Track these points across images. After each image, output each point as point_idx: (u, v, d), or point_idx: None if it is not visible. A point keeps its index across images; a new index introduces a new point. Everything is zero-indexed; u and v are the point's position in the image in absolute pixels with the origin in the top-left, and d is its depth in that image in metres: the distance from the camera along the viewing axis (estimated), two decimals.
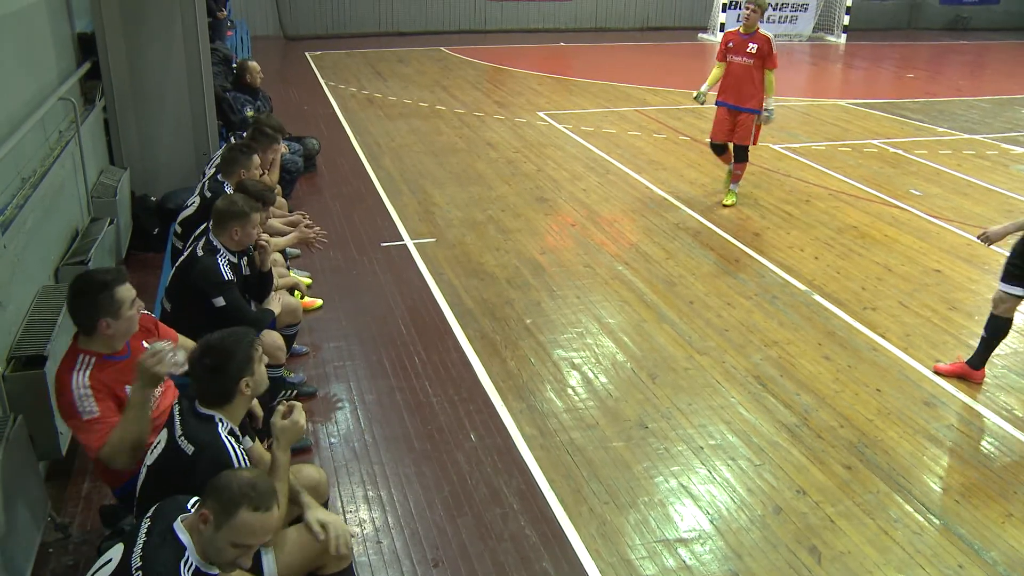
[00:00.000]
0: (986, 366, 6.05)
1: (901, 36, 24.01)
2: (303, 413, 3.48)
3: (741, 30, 9.16)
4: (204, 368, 3.29)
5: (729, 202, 9.34)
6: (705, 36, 22.17)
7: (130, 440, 3.50)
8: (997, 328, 5.80)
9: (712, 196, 9.61)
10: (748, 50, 9.00)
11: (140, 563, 2.64)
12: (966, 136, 12.71)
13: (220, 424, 3.25)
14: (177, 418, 3.28)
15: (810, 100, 15.12)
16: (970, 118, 14.01)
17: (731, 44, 9.15)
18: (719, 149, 9.51)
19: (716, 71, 9.30)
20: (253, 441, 3.61)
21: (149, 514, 2.81)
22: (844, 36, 22.40)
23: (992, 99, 15.67)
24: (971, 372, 5.95)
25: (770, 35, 9.06)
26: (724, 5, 21.68)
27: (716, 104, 9.37)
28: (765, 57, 8.99)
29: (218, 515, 2.67)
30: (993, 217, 9.15)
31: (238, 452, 3.18)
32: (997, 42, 23.30)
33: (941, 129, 13.12)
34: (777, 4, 22.36)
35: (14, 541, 3.81)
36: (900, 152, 11.44)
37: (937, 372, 6.03)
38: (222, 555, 2.71)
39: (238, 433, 3.34)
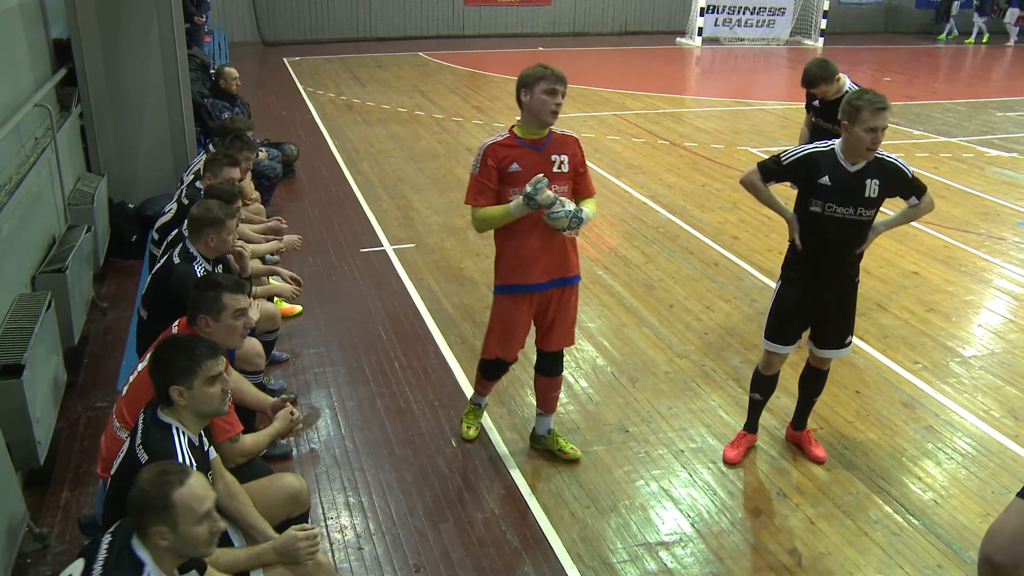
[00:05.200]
0: (963, 367, 6.12)
1: (878, 40, 24.21)
2: None
3: (518, 132, 4.54)
4: (151, 358, 3.28)
5: (570, 452, 5.04)
6: (683, 40, 22.27)
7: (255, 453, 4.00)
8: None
9: (691, 199, 9.65)
10: (557, 168, 4.49)
11: None
12: (942, 139, 12.83)
13: (178, 434, 3.19)
14: (140, 426, 3.24)
15: (788, 104, 15.20)
16: (946, 121, 14.15)
17: (515, 167, 4.45)
18: (504, 367, 5.01)
19: (490, 213, 4.55)
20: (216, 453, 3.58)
21: (111, 530, 2.79)
22: (821, 40, 22.56)
23: (968, 102, 15.84)
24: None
25: (575, 135, 4.69)
26: (702, 9, 21.79)
27: (503, 290, 4.73)
28: (580, 175, 4.63)
29: (162, 521, 2.65)
30: (969, 219, 9.25)
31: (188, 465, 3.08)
32: (973, 45, 23.53)
33: (918, 132, 13.24)
34: (754, 8, 22.50)
35: None
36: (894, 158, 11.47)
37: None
38: (199, 541, 2.71)
39: (199, 444, 3.28)
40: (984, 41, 23.83)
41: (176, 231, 5.13)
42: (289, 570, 3.32)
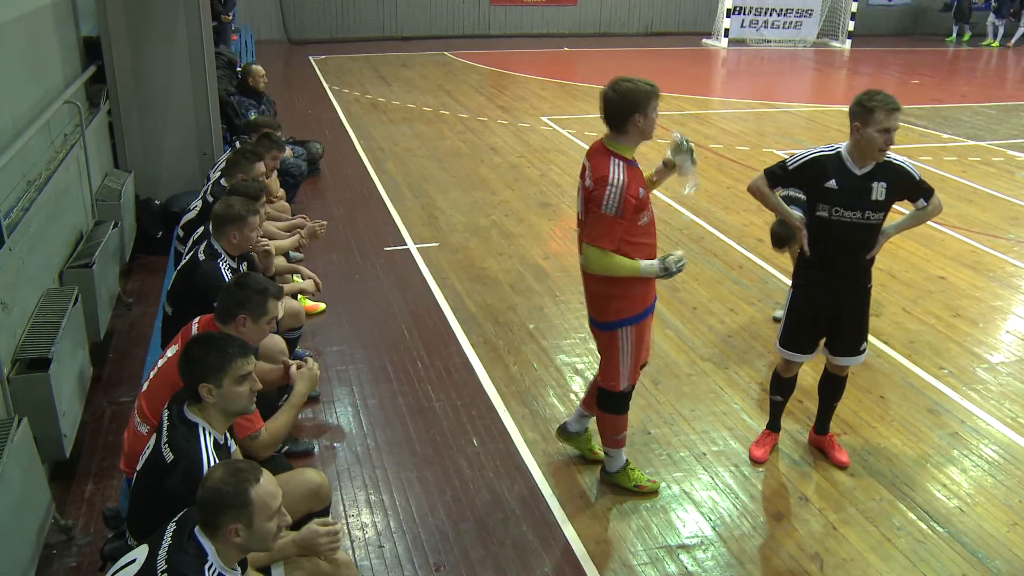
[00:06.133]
0: (990, 373, 6.07)
1: (906, 42, 24.00)
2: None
3: (627, 155, 4.22)
4: (182, 355, 3.32)
5: (599, 453, 5.00)
6: (709, 42, 22.18)
7: (284, 434, 3.96)
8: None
9: (716, 201, 9.61)
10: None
11: (166, 566, 2.69)
12: (971, 143, 12.69)
13: (204, 434, 3.22)
14: (165, 423, 3.26)
15: (814, 106, 15.11)
16: (975, 124, 14.00)
17: (643, 192, 4.24)
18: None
19: (619, 265, 4.23)
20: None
21: (176, 519, 2.86)
22: (849, 42, 22.39)
23: (997, 105, 15.66)
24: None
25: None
26: (729, 11, 21.68)
27: (637, 319, 4.44)
28: None
29: (240, 518, 2.72)
30: (998, 224, 9.15)
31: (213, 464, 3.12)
32: (1002, 48, 23.27)
33: (946, 135, 13.11)
34: (782, 10, 22.36)
35: (18, 542, 3.82)
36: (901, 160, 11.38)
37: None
38: (269, 536, 2.82)
39: (223, 444, 3.32)
40: (998, 45, 23.52)
41: (201, 228, 5.16)
42: (311, 564, 3.34)
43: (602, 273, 4.27)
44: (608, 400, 4.65)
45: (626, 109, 4.13)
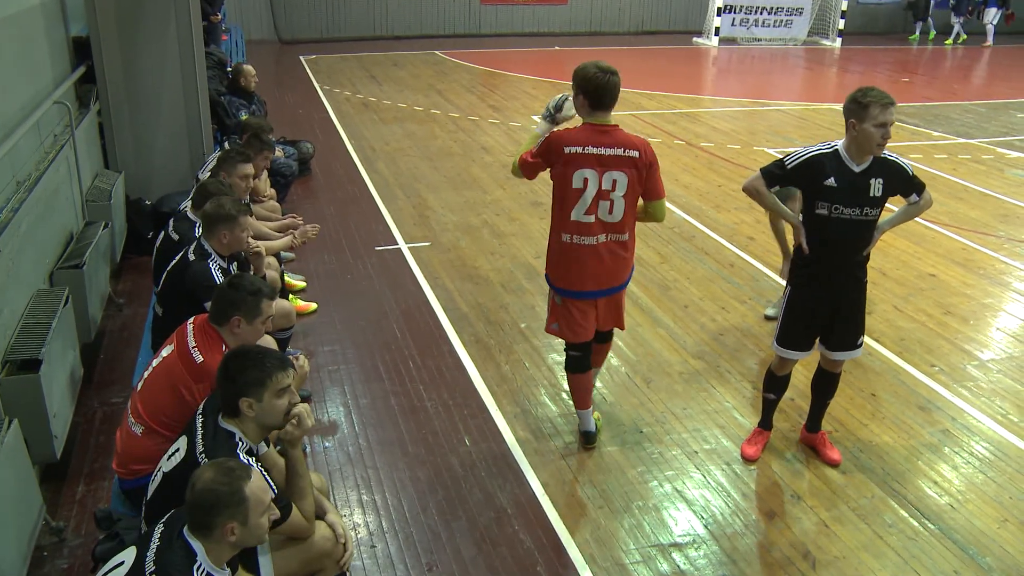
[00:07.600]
0: (981, 371, 6.09)
1: (896, 40, 24.06)
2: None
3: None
4: (220, 369, 3.33)
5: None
6: (700, 40, 22.20)
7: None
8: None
9: (707, 200, 9.62)
10: None
11: (154, 567, 2.70)
12: (961, 140, 12.74)
13: (239, 443, 3.25)
14: (199, 431, 3.28)
15: (805, 104, 15.14)
16: (965, 122, 14.05)
17: None
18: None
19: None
20: (268, 446, 3.61)
21: (163, 520, 2.86)
22: (839, 40, 22.44)
23: (987, 103, 15.72)
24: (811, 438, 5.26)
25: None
26: (719, 9, 21.71)
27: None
28: None
29: (236, 516, 2.75)
30: (988, 221, 9.19)
31: None
32: (991, 46, 23.35)
33: (936, 133, 13.15)
34: (772, 8, 22.41)
35: (8, 544, 3.80)
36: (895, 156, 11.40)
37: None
38: (262, 530, 2.86)
39: (256, 450, 3.35)
40: (960, 41, 23.66)
41: (163, 234, 5.23)
42: (301, 559, 3.38)
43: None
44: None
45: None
